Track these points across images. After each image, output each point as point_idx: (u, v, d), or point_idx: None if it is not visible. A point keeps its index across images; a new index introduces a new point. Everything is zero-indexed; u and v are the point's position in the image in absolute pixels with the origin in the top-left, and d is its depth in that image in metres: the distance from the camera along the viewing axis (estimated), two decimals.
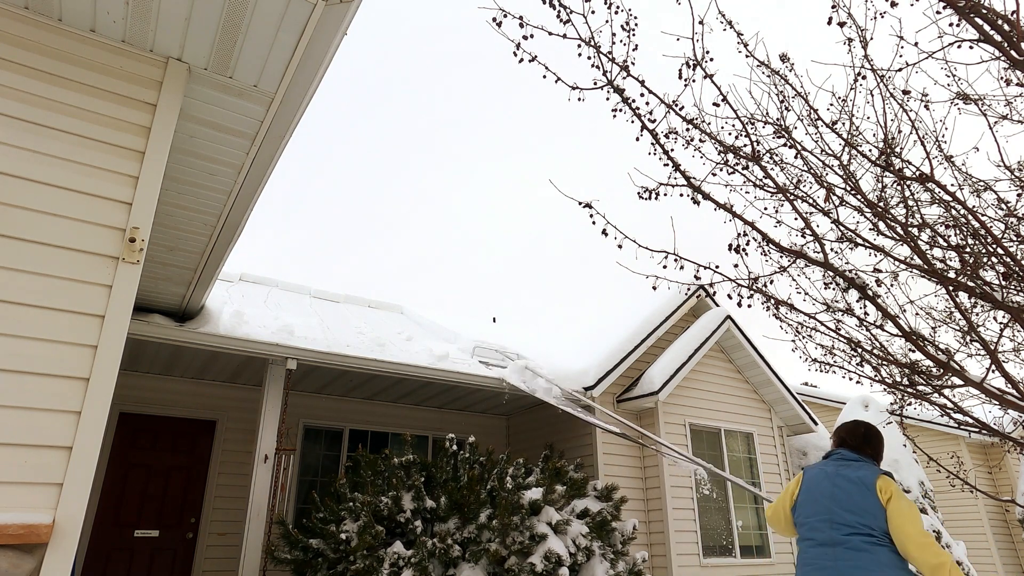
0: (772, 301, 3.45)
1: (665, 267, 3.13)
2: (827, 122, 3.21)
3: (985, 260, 3.06)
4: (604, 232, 3.13)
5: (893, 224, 3.12)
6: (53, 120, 2.42)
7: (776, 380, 8.73)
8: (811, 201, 3.24)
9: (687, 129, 3.23)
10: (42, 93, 2.43)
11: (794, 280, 3.51)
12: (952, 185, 3.20)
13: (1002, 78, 2.79)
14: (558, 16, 2.88)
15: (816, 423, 9.07)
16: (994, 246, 2.94)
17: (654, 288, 3.25)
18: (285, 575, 5.70)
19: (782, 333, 3.80)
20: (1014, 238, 3.23)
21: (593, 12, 2.85)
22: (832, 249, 3.36)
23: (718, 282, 3.31)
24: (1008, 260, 2.87)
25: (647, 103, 3.10)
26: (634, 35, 2.96)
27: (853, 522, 2.50)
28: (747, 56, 3.16)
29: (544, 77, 2.97)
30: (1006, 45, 2.42)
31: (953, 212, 3.12)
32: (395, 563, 4.40)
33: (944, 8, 2.49)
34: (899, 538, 2.44)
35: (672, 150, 3.16)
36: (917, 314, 3.67)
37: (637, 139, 3.17)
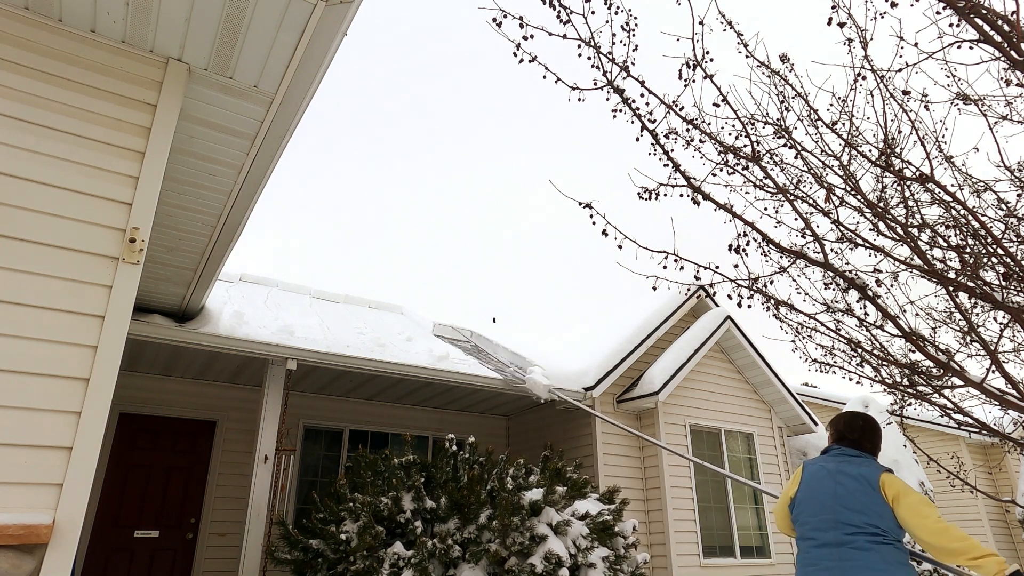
0: (772, 301, 3.45)
1: (665, 267, 3.14)
2: (827, 122, 3.21)
3: (985, 260, 3.07)
4: (604, 232, 3.13)
5: (893, 224, 3.12)
6: (53, 120, 2.42)
7: (776, 380, 8.73)
8: (811, 201, 3.24)
9: (687, 129, 3.23)
10: (42, 93, 2.43)
11: (794, 280, 3.51)
12: (952, 185, 3.20)
13: (1002, 78, 2.79)
14: (558, 16, 2.88)
15: (816, 423, 9.07)
16: (994, 246, 2.94)
17: (654, 288, 3.25)
18: (285, 575, 5.70)
19: (782, 333, 3.80)
20: (1014, 238, 3.23)
21: (593, 12, 2.85)
22: (832, 249, 3.36)
23: (718, 282, 3.31)
24: (1008, 260, 2.87)
25: (647, 103, 3.10)
26: (634, 35, 2.96)
27: (858, 521, 2.45)
28: (747, 56, 3.16)
29: (544, 77, 2.98)
30: (1006, 45, 2.42)
31: (953, 212, 3.12)
32: (395, 563, 4.40)
33: (944, 8, 2.49)
34: (917, 535, 2.39)
35: (672, 150, 3.16)
36: (917, 314, 3.68)
37: (637, 139, 3.17)
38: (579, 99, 3.05)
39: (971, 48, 2.59)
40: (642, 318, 8.59)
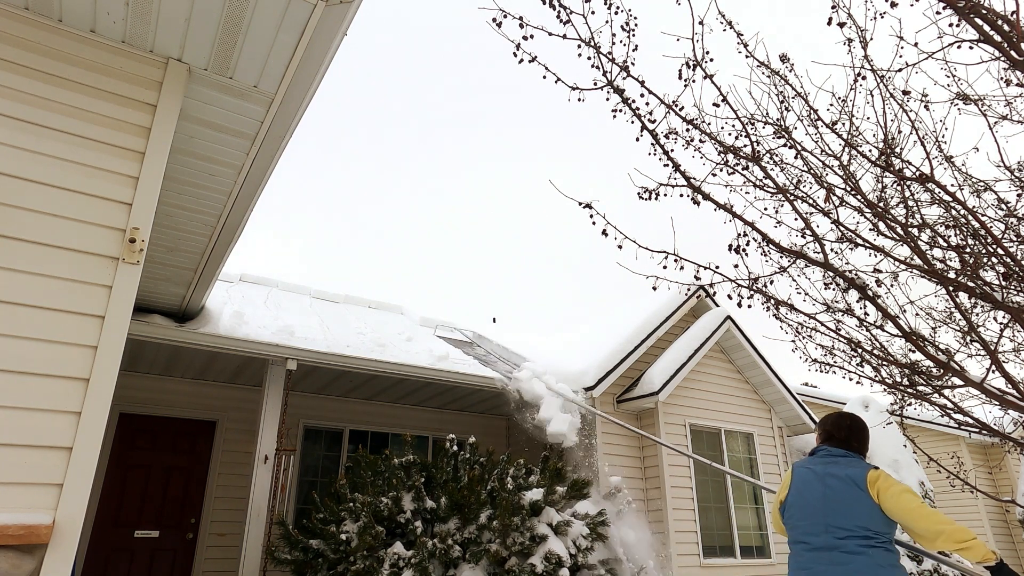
0: (772, 301, 3.45)
1: (665, 267, 3.14)
2: (827, 122, 3.21)
3: (985, 260, 3.06)
4: (604, 232, 3.13)
5: (893, 224, 3.12)
6: (53, 121, 2.42)
7: (776, 380, 8.73)
8: (811, 201, 3.24)
9: (687, 129, 3.23)
10: (42, 93, 2.43)
11: (794, 280, 3.51)
12: (952, 185, 3.20)
13: (1002, 78, 2.79)
14: (558, 16, 2.88)
15: (816, 423, 9.07)
16: (994, 246, 2.94)
17: (654, 288, 3.25)
18: (285, 575, 5.70)
19: (782, 333, 3.80)
20: (1014, 238, 3.23)
21: (593, 12, 2.85)
22: (832, 249, 3.36)
23: (718, 282, 3.31)
24: (1008, 260, 2.87)
25: (647, 103, 3.10)
26: (634, 35, 2.96)
27: (848, 524, 2.46)
28: (747, 56, 3.16)
29: (544, 77, 2.98)
30: (1006, 45, 2.42)
31: (953, 212, 3.12)
32: (395, 563, 4.40)
33: (944, 8, 2.49)
34: (904, 523, 2.41)
35: (672, 150, 3.16)
36: (917, 314, 3.67)
37: (637, 139, 3.17)
38: (579, 99, 3.05)
39: (971, 48, 2.59)
40: (642, 318, 8.58)
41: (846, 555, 2.42)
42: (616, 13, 2.86)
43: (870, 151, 3.20)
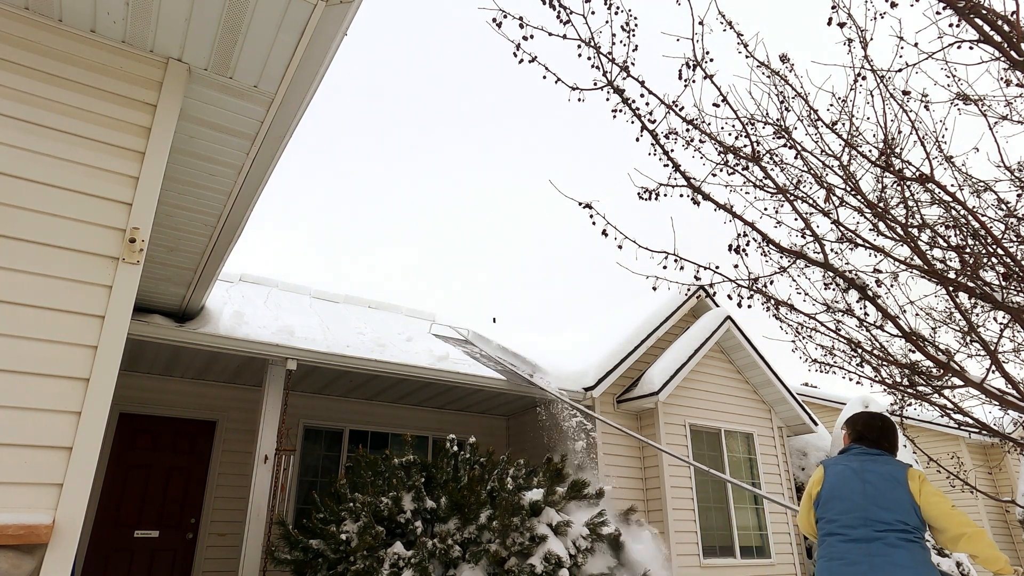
0: (772, 301, 3.46)
1: (665, 267, 3.14)
2: (827, 123, 3.21)
3: (985, 260, 3.07)
4: (604, 233, 3.13)
5: (893, 224, 3.12)
6: (53, 120, 2.42)
7: (776, 380, 8.73)
8: (811, 202, 3.24)
9: (687, 129, 3.24)
10: (42, 93, 2.43)
11: (794, 281, 3.51)
12: (952, 185, 3.20)
13: (1002, 78, 2.79)
14: (558, 17, 2.88)
15: (816, 423, 9.07)
16: (994, 246, 2.94)
17: (654, 288, 3.25)
18: (285, 575, 5.70)
19: (782, 334, 3.80)
20: (1014, 238, 3.23)
21: (593, 13, 2.85)
22: (832, 250, 3.36)
23: (718, 282, 3.31)
24: (1008, 260, 2.87)
25: (647, 103, 3.10)
26: (634, 36, 2.96)
27: (888, 518, 2.50)
28: (747, 57, 3.16)
29: (544, 78, 2.98)
30: (1006, 46, 2.42)
31: (953, 212, 3.12)
32: (395, 563, 4.40)
33: (944, 9, 2.49)
34: (938, 523, 2.49)
35: (672, 150, 3.16)
36: (917, 315, 3.68)
37: (637, 139, 3.17)
38: (579, 99, 3.05)
39: (971, 48, 2.59)
40: (642, 318, 8.59)
41: (887, 547, 2.47)
42: (616, 13, 2.86)
43: (870, 151, 3.20)
